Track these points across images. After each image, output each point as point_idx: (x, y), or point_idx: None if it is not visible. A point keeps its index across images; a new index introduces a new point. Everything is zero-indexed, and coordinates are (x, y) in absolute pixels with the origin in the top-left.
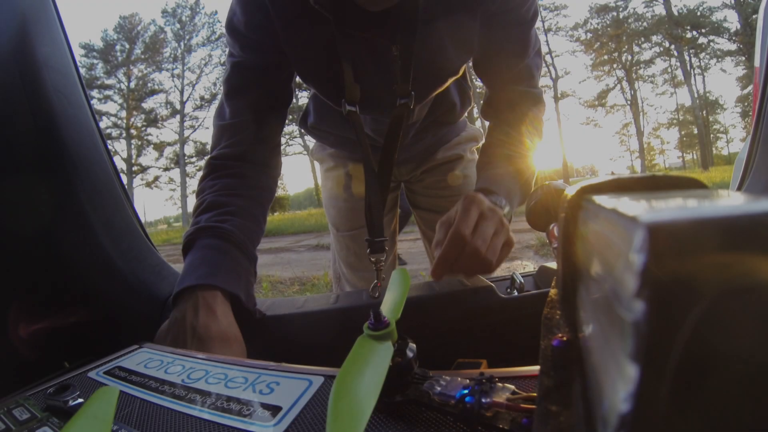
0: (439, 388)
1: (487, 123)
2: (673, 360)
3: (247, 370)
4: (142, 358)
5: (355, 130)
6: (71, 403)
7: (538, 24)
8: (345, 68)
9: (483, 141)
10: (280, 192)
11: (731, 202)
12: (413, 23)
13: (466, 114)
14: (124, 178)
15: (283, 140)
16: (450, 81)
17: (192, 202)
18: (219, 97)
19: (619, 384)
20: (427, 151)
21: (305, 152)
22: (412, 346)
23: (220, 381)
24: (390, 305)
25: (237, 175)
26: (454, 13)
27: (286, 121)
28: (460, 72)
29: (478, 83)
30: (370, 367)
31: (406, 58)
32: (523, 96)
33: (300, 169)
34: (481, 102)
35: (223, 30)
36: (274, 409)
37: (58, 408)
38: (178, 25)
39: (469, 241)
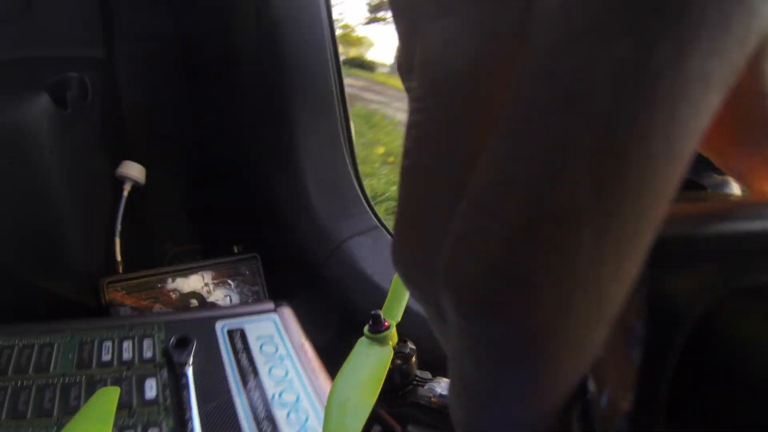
0: (439, 390)
1: None
2: (672, 360)
3: None
4: (266, 330)
5: None
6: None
7: None
8: None
9: None
10: None
11: (731, 202)
12: None
13: None
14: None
15: None
16: None
17: None
18: None
19: (619, 384)
20: None
21: None
22: (413, 348)
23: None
24: (391, 307)
25: None
26: None
27: None
28: None
29: None
30: (368, 369)
31: None
32: None
33: None
34: None
35: None
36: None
37: (172, 363)
38: None
39: None
